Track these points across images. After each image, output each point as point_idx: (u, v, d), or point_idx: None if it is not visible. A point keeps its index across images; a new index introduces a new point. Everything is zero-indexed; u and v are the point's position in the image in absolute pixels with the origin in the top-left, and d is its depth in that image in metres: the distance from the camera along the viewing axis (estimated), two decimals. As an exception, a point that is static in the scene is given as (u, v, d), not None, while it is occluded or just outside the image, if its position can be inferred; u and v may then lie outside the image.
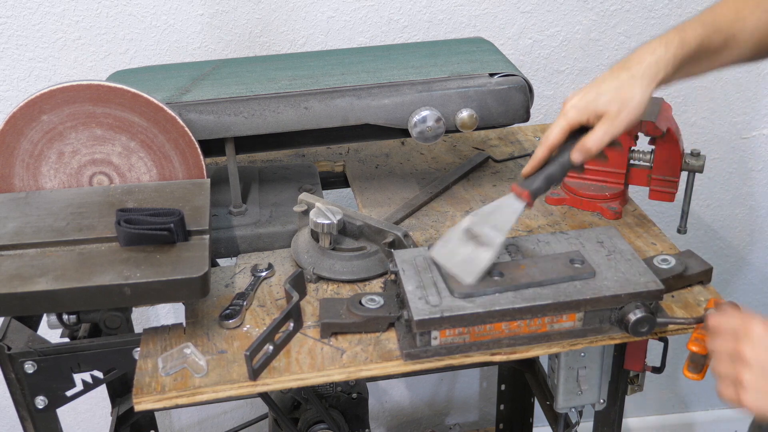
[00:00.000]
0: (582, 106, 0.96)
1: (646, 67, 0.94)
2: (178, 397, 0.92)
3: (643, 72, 0.94)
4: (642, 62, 0.95)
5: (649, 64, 0.94)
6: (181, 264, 0.95)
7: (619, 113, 0.94)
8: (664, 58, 0.94)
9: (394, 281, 1.06)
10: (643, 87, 0.94)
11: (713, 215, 1.96)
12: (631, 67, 0.95)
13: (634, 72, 0.95)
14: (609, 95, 0.95)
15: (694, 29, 0.96)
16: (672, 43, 0.95)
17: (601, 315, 0.98)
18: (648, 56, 0.95)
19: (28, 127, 1.09)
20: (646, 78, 0.94)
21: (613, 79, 0.96)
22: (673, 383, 2.19)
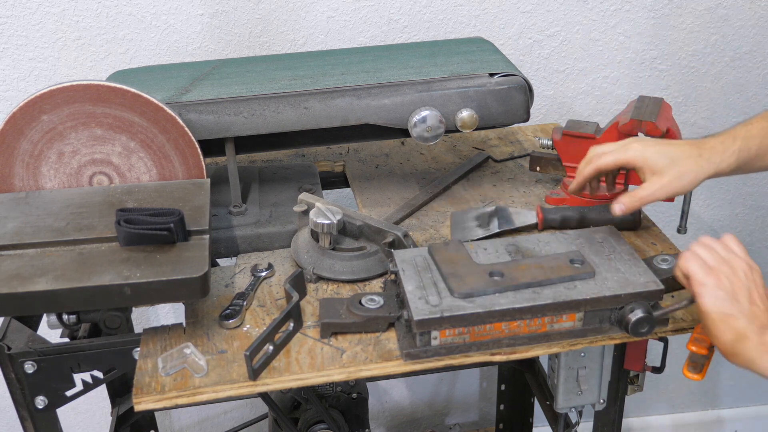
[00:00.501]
0: (648, 155, 1.01)
1: (713, 154, 1.00)
2: (178, 397, 0.92)
3: (710, 157, 1.00)
4: (712, 149, 1.00)
5: (716, 152, 1.00)
6: (181, 264, 0.95)
7: (673, 179, 1.00)
8: (730, 149, 1.00)
9: (394, 281, 1.06)
10: (703, 170, 1.00)
11: (713, 215, 1.96)
12: (702, 149, 1.00)
13: (703, 153, 1.00)
14: (673, 162, 1.00)
15: (760, 122, 1.02)
16: (738, 137, 1.01)
17: (601, 315, 0.98)
18: (718, 145, 1.01)
19: (28, 127, 1.09)
20: (710, 163, 1.00)
21: (685, 149, 1.01)
22: (673, 383, 2.19)
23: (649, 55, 1.73)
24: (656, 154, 1.01)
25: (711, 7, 1.70)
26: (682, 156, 1.00)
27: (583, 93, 1.76)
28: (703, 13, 1.70)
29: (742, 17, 1.72)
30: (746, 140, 1.00)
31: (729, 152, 1.00)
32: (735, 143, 1.00)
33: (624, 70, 1.75)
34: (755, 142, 1.00)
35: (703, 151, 1.00)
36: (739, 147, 1.00)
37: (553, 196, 1.30)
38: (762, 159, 1.01)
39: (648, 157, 1.01)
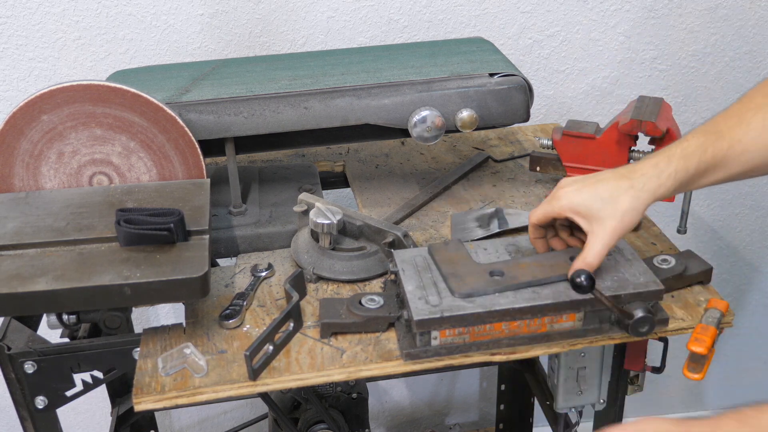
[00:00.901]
0: (576, 203, 0.94)
1: (647, 180, 0.93)
2: (178, 397, 0.92)
3: (644, 185, 0.92)
4: (644, 175, 0.93)
5: (650, 178, 0.93)
6: (181, 264, 0.95)
7: (616, 224, 0.92)
8: (665, 172, 0.92)
9: (394, 281, 1.06)
10: (640, 201, 0.92)
11: (713, 215, 1.96)
12: (633, 178, 0.93)
13: (635, 183, 0.93)
14: (606, 203, 0.92)
15: (696, 138, 0.95)
16: (674, 157, 0.93)
17: (601, 315, 0.98)
18: (650, 170, 0.93)
19: (28, 127, 1.09)
20: (645, 192, 0.92)
21: (613, 184, 0.93)
22: (673, 383, 2.19)
23: (649, 55, 1.74)
24: (587, 199, 0.93)
25: (711, 7, 1.70)
26: (614, 193, 0.92)
27: (583, 93, 1.76)
28: (703, 13, 1.71)
29: (742, 17, 1.72)
30: (683, 159, 0.93)
31: (665, 176, 0.92)
32: (670, 165, 0.93)
33: (624, 70, 1.75)
34: (693, 160, 0.92)
35: (635, 181, 0.93)
36: (676, 168, 0.92)
37: (553, 196, 1.30)
38: (703, 176, 0.94)
39: (578, 204, 0.94)
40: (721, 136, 0.93)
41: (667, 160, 0.93)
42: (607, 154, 1.27)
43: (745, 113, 0.94)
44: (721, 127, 0.94)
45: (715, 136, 0.94)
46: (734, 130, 0.93)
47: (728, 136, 0.93)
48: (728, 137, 0.93)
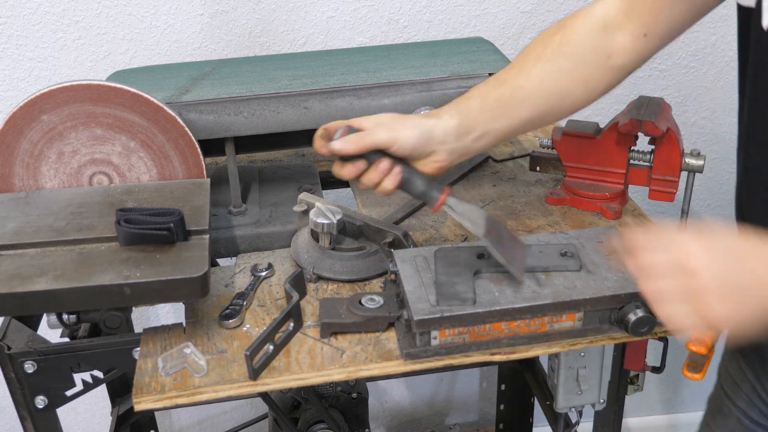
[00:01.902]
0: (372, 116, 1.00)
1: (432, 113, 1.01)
2: (178, 397, 0.92)
3: (429, 115, 1.01)
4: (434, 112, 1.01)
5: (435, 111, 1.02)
6: (181, 264, 0.95)
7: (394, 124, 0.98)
8: (447, 106, 1.01)
9: (394, 281, 1.06)
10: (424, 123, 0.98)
11: (713, 215, 1.96)
12: (424, 117, 1.00)
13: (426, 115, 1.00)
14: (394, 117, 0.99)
15: (478, 87, 1.02)
16: (460, 100, 1.02)
17: (601, 315, 0.98)
18: (433, 118, 1.00)
19: (28, 127, 1.09)
20: (429, 119, 0.99)
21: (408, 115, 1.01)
22: (673, 383, 2.19)
23: (649, 55, 1.73)
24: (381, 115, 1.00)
25: (711, 7, 1.70)
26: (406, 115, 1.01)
27: (583, 93, 1.76)
28: (703, 13, 1.70)
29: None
30: (465, 99, 1.01)
31: (446, 108, 1.00)
32: (451, 104, 1.01)
33: (624, 70, 1.74)
34: (475, 102, 1.00)
35: (426, 114, 1.01)
36: (456, 104, 1.00)
37: (553, 196, 1.30)
38: (492, 120, 1.00)
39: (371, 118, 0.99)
40: (502, 83, 1.01)
41: (452, 102, 1.02)
42: (607, 154, 1.27)
43: (526, 63, 1.01)
44: (503, 77, 1.02)
45: (496, 83, 1.01)
46: (516, 79, 1.00)
47: (510, 83, 1.00)
48: (510, 84, 1.00)
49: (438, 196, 0.98)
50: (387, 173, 0.97)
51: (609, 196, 1.27)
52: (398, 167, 0.97)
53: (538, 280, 0.99)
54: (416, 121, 0.99)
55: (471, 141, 1.00)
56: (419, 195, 0.99)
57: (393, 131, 0.96)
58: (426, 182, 0.99)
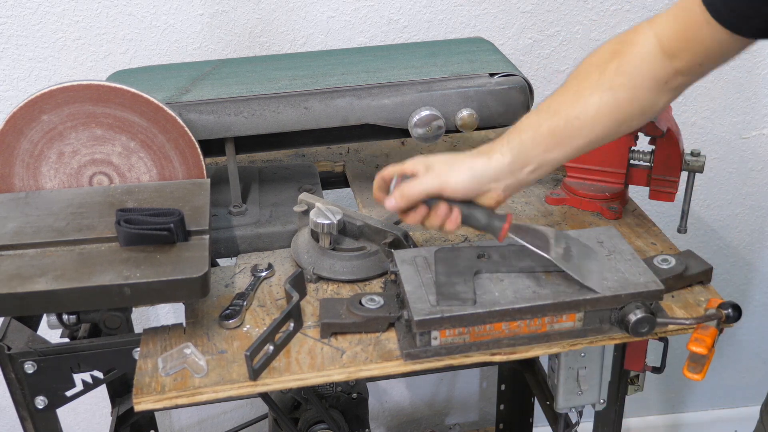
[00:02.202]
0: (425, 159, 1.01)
1: (482, 149, 1.00)
2: (178, 397, 0.92)
3: (479, 151, 1.00)
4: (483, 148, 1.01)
5: (486, 148, 1.00)
6: (181, 264, 0.95)
7: (443, 168, 0.99)
8: (499, 142, 0.99)
9: (394, 281, 1.06)
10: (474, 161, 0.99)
11: (713, 215, 1.96)
12: (475, 156, 1.00)
13: (476, 151, 1.01)
14: (449, 159, 1.00)
15: (529, 116, 1.01)
16: (511, 132, 1.00)
17: (601, 315, 0.98)
18: (489, 143, 1.00)
19: (28, 127, 1.09)
20: (480, 156, 0.99)
21: (459, 155, 1.01)
22: (673, 383, 2.19)
23: (649, 55, 1.73)
24: (432, 157, 1.01)
25: (711, 7, 1.70)
26: (456, 155, 1.01)
27: (583, 93, 1.76)
28: (703, 13, 1.70)
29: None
30: (517, 133, 1.00)
31: (499, 144, 0.99)
32: (503, 138, 1.00)
33: (624, 70, 1.74)
34: (528, 135, 0.99)
35: (478, 151, 1.00)
36: (509, 139, 0.99)
37: (553, 196, 1.30)
38: (548, 150, 0.99)
39: (422, 160, 1.00)
40: (557, 113, 0.99)
41: (502, 137, 1.01)
42: (607, 154, 1.27)
43: (581, 91, 0.98)
44: (556, 106, 1.00)
45: (549, 113, 0.99)
46: (571, 109, 0.98)
47: (564, 113, 0.98)
48: (564, 114, 0.98)
49: (501, 226, 0.99)
50: (447, 216, 0.99)
51: (609, 196, 1.27)
52: (456, 209, 0.99)
53: (538, 280, 0.99)
54: (467, 163, 0.99)
55: (526, 174, 0.99)
56: (483, 228, 1.00)
57: (442, 177, 0.98)
58: (487, 216, 1.00)
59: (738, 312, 0.99)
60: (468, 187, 0.98)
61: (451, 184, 0.97)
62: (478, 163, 0.98)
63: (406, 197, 0.98)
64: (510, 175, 0.99)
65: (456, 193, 0.98)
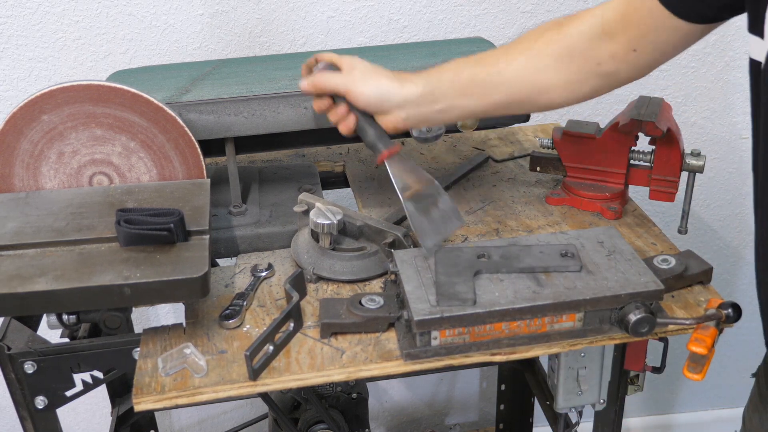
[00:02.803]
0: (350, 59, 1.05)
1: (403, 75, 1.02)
2: (178, 398, 0.92)
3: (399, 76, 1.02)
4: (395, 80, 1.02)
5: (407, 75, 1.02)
6: (181, 264, 0.95)
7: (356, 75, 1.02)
8: (417, 74, 1.02)
9: (394, 281, 1.06)
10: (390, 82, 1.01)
11: (713, 215, 1.96)
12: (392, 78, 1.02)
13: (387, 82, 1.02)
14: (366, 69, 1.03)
15: (457, 61, 1.03)
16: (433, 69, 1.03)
17: (601, 315, 0.98)
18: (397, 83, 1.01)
19: (28, 127, 1.09)
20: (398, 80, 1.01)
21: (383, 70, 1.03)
22: (673, 383, 2.19)
23: (649, 55, 1.73)
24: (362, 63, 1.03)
25: (711, 7, 1.70)
26: (380, 70, 1.03)
27: (583, 93, 1.76)
28: (703, 13, 1.70)
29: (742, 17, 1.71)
30: (437, 71, 1.02)
31: (416, 76, 1.02)
32: (423, 73, 1.02)
33: (624, 70, 1.74)
34: (447, 75, 1.01)
35: (397, 75, 1.02)
36: (428, 74, 1.02)
37: (553, 196, 1.30)
38: (463, 95, 1.01)
39: (354, 60, 1.04)
40: (481, 63, 1.01)
41: (424, 72, 1.03)
42: (607, 154, 1.27)
43: (511, 51, 1.01)
44: (484, 58, 1.03)
45: (474, 62, 1.02)
46: (496, 63, 1.01)
47: (488, 65, 1.01)
48: (488, 66, 1.01)
49: (382, 150, 1.03)
50: (343, 117, 1.03)
51: (609, 197, 1.27)
52: (353, 116, 1.03)
53: (538, 280, 0.99)
54: (379, 80, 1.01)
55: (433, 112, 1.02)
56: (369, 145, 1.04)
57: (352, 82, 1.01)
58: (377, 136, 1.03)
59: (738, 312, 0.99)
60: (370, 101, 1.01)
61: (357, 91, 1.01)
62: (390, 85, 1.01)
63: (315, 85, 1.04)
64: (415, 106, 1.01)
65: (357, 102, 1.02)
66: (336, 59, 1.05)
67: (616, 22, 0.94)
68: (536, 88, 1.00)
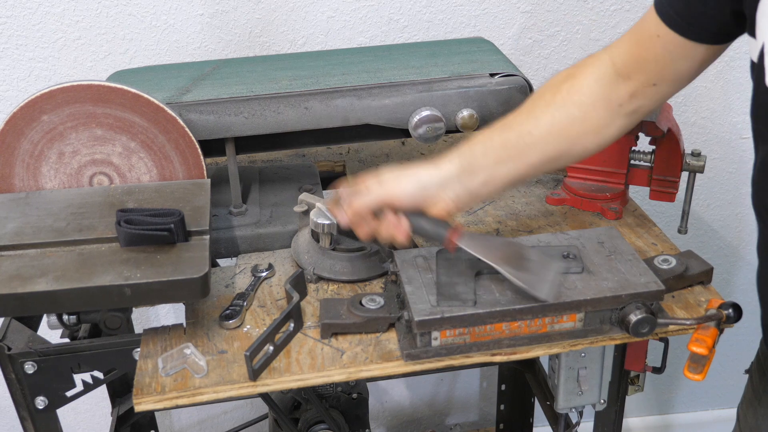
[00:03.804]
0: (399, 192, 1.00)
1: (432, 160, 1.00)
2: (178, 398, 0.92)
3: (428, 161, 1.00)
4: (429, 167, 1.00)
5: (435, 159, 1.00)
6: (181, 264, 0.95)
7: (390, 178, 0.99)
8: (449, 154, 1.00)
9: (395, 281, 1.05)
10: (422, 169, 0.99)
11: (713, 215, 1.96)
12: (424, 166, 1.00)
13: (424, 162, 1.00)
14: (394, 172, 1.00)
15: (482, 132, 1.02)
16: (463, 146, 1.00)
17: (601, 315, 0.98)
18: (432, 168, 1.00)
19: (28, 127, 1.09)
20: (428, 165, 1.00)
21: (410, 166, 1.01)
22: (673, 383, 2.19)
23: (649, 55, 1.73)
24: (385, 172, 1.01)
25: (711, 7, 1.69)
26: (406, 167, 1.01)
27: (583, 93, 1.76)
28: (704, 13, 1.70)
29: (742, 17, 1.71)
30: (468, 145, 1.00)
31: (449, 155, 1.00)
32: (454, 150, 1.00)
33: (624, 70, 1.74)
34: (479, 146, 0.99)
35: (428, 162, 1.00)
36: (459, 150, 1.00)
37: (553, 197, 1.30)
38: (499, 163, 0.99)
39: (375, 175, 1.01)
40: (509, 128, 1.00)
41: (453, 149, 1.01)
42: (607, 154, 1.27)
43: (534, 109, 1.00)
44: (510, 121, 1.01)
45: (502, 128, 1.00)
46: (523, 124, 0.99)
47: (517, 128, 0.99)
48: (517, 129, 0.99)
49: (445, 234, 0.98)
50: (396, 226, 0.99)
51: (609, 197, 1.27)
52: (404, 218, 0.99)
53: (538, 280, 0.99)
54: (414, 173, 0.99)
55: (477, 186, 0.99)
56: (431, 237, 1.01)
57: (388, 188, 0.98)
58: (434, 224, 0.99)
59: (738, 312, 0.99)
60: (414, 195, 0.98)
61: (397, 193, 0.98)
62: (425, 173, 0.99)
63: (355, 210, 1.00)
64: (458, 183, 0.99)
65: (402, 203, 0.98)
66: (359, 185, 1.01)
67: (629, 64, 0.94)
68: (569, 140, 0.99)
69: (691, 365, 0.99)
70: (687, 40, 0.89)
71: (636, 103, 0.96)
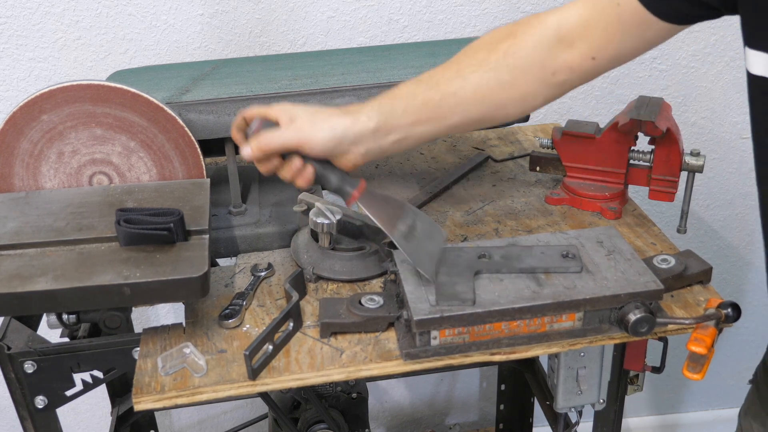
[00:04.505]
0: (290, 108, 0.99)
1: (352, 110, 0.98)
2: (177, 397, 0.92)
3: (347, 112, 0.98)
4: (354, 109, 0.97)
5: (356, 109, 0.98)
6: (180, 264, 0.95)
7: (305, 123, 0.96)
8: (368, 106, 0.98)
9: (394, 281, 1.06)
10: (340, 121, 0.97)
11: (713, 215, 1.96)
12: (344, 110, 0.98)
13: (344, 112, 0.98)
14: (314, 113, 0.98)
15: (408, 85, 0.99)
16: (384, 97, 0.98)
17: (600, 315, 0.98)
18: (360, 107, 0.97)
19: (28, 127, 1.09)
20: (348, 117, 0.97)
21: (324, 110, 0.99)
22: (672, 383, 2.19)
23: (649, 55, 1.74)
24: (297, 108, 0.98)
25: (711, 7, 1.70)
26: (321, 110, 0.98)
27: (583, 93, 1.76)
28: (703, 13, 1.70)
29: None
30: (390, 99, 0.98)
31: (368, 107, 0.97)
32: (375, 101, 0.98)
33: (624, 70, 1.75)
34: (400, 103, 0.97)
35: (345, 110, 0.98)
36: (380, 103, 0.97)
37: (553, 196, 1.30)
38: (420, 123, 0.97)
39: (288, 109, 0.98)
40: (435, 85, 0.97)
41: (374, 100, 0.98)
42: (607, 154, 1.27)
43: (465, 68, 0.97)
44: (437, 78, 0.98)
45: (428, 84, 0.97)
46: (450, 83, 0.96)
47: (443, 87, 0.96)
48: (442, 88, 0.96)
49: (351, 192, 0.99)
50: (299, 171, 0.98)
51: (609, 196, 1.27)
52: (310, 166, 0.98)
53: (538, 280, 0.99)
54: (330, 121, 0.97)
55: (390, 144, 0.98)
56: (334, 191, 1.01)
57: (302, 132, 0.96)
58: (340, 179, 0.99)
59: (737, 312, 0.99)
60: (326, 146, 0.96)
61: (311, 141, 0.96)
62: (342, 123, 0.96)
63: (263, 149, 0.97)
64: (372, 140, 0.97)
65: (313, 151, 0.97)
66: (266, 112, 0.99)
67: (575, 29, 0.92)
68: (493, 106, 0.97)
69: (690, 365, 0.99)
70: (648, 13, 0.87)
71: (568, 75, 0.94)
